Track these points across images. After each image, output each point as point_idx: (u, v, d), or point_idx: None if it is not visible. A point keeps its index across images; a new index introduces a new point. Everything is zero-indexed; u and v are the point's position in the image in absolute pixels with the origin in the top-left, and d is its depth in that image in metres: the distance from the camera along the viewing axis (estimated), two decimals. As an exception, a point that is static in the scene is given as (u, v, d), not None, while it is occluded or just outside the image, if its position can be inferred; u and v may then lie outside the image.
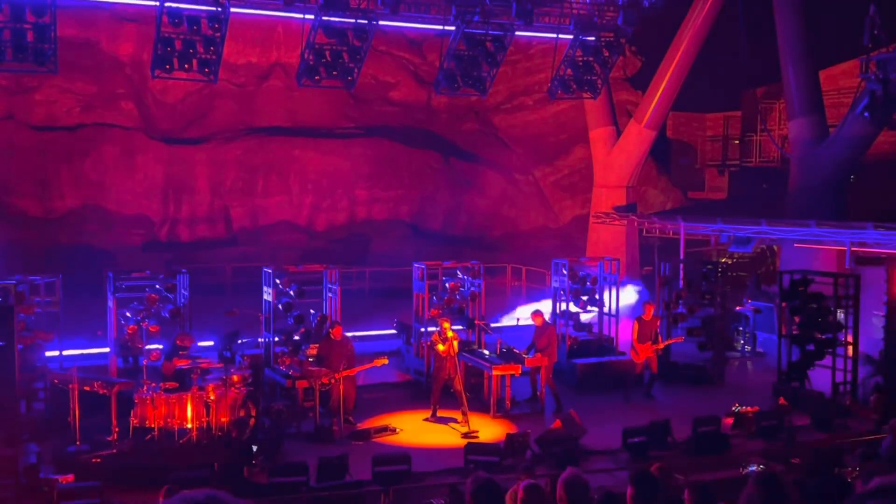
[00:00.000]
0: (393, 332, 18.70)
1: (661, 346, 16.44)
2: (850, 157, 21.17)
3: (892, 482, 1.90)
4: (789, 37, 21.59)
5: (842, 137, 20.93)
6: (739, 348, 19.80)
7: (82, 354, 14.36)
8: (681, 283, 18.87)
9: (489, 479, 5.22)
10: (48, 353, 14.08)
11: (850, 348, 15.31)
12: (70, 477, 10.77)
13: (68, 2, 16.38)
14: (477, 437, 13.44)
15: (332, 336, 14.33)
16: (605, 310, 18.34)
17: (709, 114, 29.45)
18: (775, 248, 21.10)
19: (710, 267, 18.46)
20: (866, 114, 16.79)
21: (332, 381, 13.54)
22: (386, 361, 14.51)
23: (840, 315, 15.74)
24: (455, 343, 14.38)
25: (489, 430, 13.81)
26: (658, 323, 16.61)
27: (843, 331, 15.52)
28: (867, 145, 21.04)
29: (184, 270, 15.43)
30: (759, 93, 28.12)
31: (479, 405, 14.94)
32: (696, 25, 22.39)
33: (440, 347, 14.32)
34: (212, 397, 12.35)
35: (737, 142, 29.33)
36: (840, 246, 18.14)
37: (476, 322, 16.68)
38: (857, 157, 21.33)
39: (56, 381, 12.97)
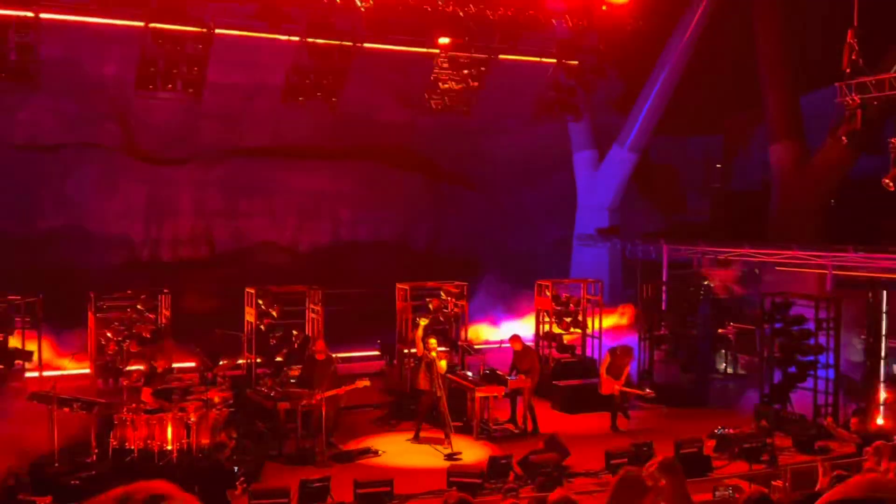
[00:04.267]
0: (376, 352, 18.67)
1: (625, 389, 15.82)
2: (830, 181, 21.39)
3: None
4: (770, 62, 21.85)
5: (821, 162, 21.15)
6: (721, 370, 19.86)
7: (62, 375, 14.21)
8: (663, 305, 18.95)
9: (463, 499, 5.21)
10: (28, 374, 13.95)
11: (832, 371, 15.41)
12: (48, 499, 10.64)
13: (52, 21, 16.35)
14: (460, 458, 13.40)
15: (315, 355, 14.24)
16: (588, 332, 18.39)
17: (691, 137, 29.66)
18: (756, 270, 21.21)
19: (692, 289, 18.55)
20: (844, 138, 16.93)
21: (315, 402, 13.45)
22: (367, 383, 14.44)
23: (821, 338, 15.83)
24: (443, 363, 14.40)
25: (472, 452, 13.77)
26: (628, 361, 16.16)
27: (825, 353, 15.61)
28: (847, 169, 21.26)
29: (165, 291, 15.38)
30: (741, 117, 28.35)
31: (462, 427, 14.92)
32: (679, 49, 22.60)
33: (439, 363, 14.28)
34: (192, 419, 12.27)
35: (718, 165, 29.54)
36: (821, 269, 18.28)
37: (459, 343, 16.69)
38: (838, 181, 21.54)
39: (35, 401, 12.83)
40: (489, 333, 20.68)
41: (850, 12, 14.82)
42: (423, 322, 15.22)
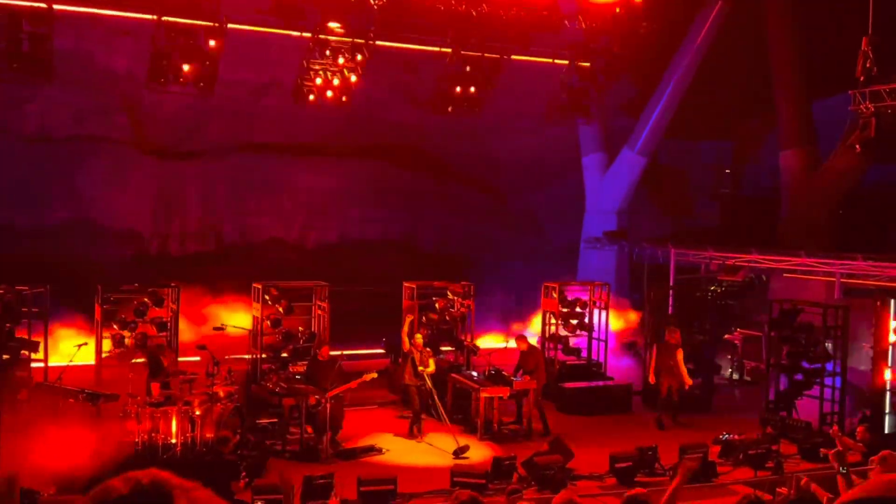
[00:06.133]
0: (381, 351, 18.65)
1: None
2: (840, 189, 21.29)
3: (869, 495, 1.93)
4: (783, 67, 21.76)
5: (833, 169, 21.06)
6: (727, 376, 19.80)
7: (68, 366, 14.22)
8: (670, 309, 18.88)
9: (474, 498, 5.17)
10: (34, 365, 13.96)
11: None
12: (52, 489, 10.65)
13: (65, 12, 16.38)
14: (467, 456, 13.36)
15: (319, 357, 14.25)
16: (595, 334, 18.35)
17: (701, 141, 29.58)
18: (764, 277, 21.15)
19: (699, 294, 18.49)
20: (857, 146, 16.87)
21: (321, 400, 13.42)
22: (375, 375, 14.41)
23: (829, 345, 15.77)
24: (431, 364, 14.53)
25: (476, 452, 13.73)
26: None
27: (832, 361, 15.54)
28: (858, 177, 21.16)
29: (173, 284, 15.39)
30: (752, 122, 28.28)
31: (467, 427, 14.92)
32: (691, 53, 22.53)
33: (422, 366, 14.37)
34: (197, 412, 12.26)
35: (728, 171, 29.44)
36: (829, 276, 18.20)
37: (465, 343, 16.67)
38: (849, 189, 21.44)
39: (41, 392, 12.85)
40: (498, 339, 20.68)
41: (865, 19, 14.75)
42: (410, 318, 15.39)
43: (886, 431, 14.72)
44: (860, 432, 13.61)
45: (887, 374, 14.83)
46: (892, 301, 15.40)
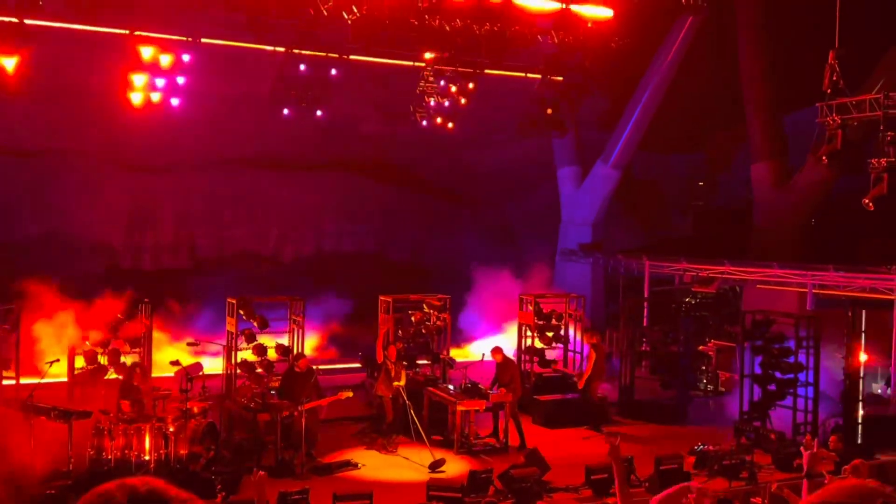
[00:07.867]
0: (357, 365, 18.60)
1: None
2: (811, 200, 21.54)
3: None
4: (754, 81, 22.01)
5: (803, 181, 21.31)
6: (702, 387, 19.92)
7: (40, 383, 14.06)
8: (644, 321, 19.00)
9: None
10: (5, 381, 13.80)
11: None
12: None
13: (37, 27, 16.28)
14: (443, 470, 13.33)
15: (296, 369, 14.20)
16: (571, 346, 18.41)
17: (674, 154, 29.83)
18: (738, 288, 21.34)
19: (673, 306, 18.61)
20: (824, 158, 17.10)
21: (295, 414, 13.37)
22: (350, 395, 14.39)
23: (801, 356, 15.91)
24: (402, 374, 14.58)
25: (453, 465, 13.72)
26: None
27: (805, 371, 15.69)
28: (828, 189, 21.43)
29: (146, 300, 15.28)
30: (724, 135, 28.56)
31: (443, 441, 14.90)
32: (664, 67, 22.74)
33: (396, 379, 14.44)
34: (171, 429, 12.17)
35: (701, 183, 29.71)
36: (802, 288, 18.39)
37: (441, 356, 16.68)
38: (819, 201, 21.70)
39: (12, 409, 12.69)
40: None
41: (832, 33, 14.97)
42: (385, 331, 15.44)
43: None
44: (832, 442, 13.73)
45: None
46: (864, 312, 15.62)
